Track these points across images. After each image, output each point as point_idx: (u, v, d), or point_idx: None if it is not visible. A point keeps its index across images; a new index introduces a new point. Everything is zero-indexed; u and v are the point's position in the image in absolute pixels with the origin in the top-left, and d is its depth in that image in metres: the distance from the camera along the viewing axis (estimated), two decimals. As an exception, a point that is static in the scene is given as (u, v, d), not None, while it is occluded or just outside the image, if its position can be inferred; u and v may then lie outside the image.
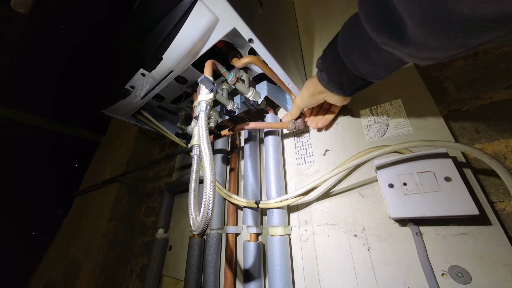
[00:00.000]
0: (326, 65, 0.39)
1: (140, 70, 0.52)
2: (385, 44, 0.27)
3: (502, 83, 0.44)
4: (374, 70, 0.32)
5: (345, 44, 0.34)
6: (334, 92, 0.41)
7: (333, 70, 0.38)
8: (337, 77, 0.38)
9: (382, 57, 0.30)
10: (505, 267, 0.31)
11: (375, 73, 0.33)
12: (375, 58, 0.30)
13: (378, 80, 0.35)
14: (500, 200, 0.38)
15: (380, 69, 0.32)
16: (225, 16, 0.37)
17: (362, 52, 0.31)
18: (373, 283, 0.39)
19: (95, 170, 1.69)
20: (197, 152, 0.44)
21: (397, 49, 0.26)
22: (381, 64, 0.31)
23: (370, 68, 0.32)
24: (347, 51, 0.33)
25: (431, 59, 0.25)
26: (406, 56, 0.27)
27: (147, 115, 0.69)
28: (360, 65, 0.33)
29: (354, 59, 0.33)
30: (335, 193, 0.49)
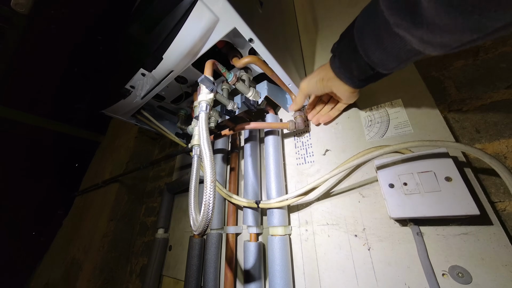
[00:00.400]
0: (340, 49, 0.39)
1: (140, 70, 0.52)
2: (397, 25, 0.27)
3: (502, 83, 0.44)
4: (384, 58, 0.32)
5: (360, 27, 0.34)
6: (343, 80, 0.40)
7: (345, 55, 0.38)
8: (348, 63, 0.38)
9: (393, 44, 0.30)
10: (505, 267, 0.31)
11: (384, 62, 0.32)
12: (387, 43, 0.30)
13: (385, 71, 0.34)
14: (500, 200, 0.38)
15: (390, 58, 0.32)
16: (225, 16, 0.37)
17: (375, 36, 0.31)
18: (374, 283, 0.38)
19: (95, 170, 1.69)
20: (197, 152, 0.44)
21: (409, 32, 0.26)
22: (392, 52, 0.31)
23: (381, 55, 0.32)
24: (361, 35, 0.34)
25: (441, 45, 0.24)
26: (417, 42, 0.26)
27: (147, 115, 0.69)
28: (371, 51, 0.33)
29: (367, 43, 0.33)
30: (336, 193, 0.49)
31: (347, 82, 0.40)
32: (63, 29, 1.62)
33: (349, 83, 0.41)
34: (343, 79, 0.41)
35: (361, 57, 0.34)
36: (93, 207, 1.33)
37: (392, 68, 0.33)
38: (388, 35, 0.29)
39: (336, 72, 0.41)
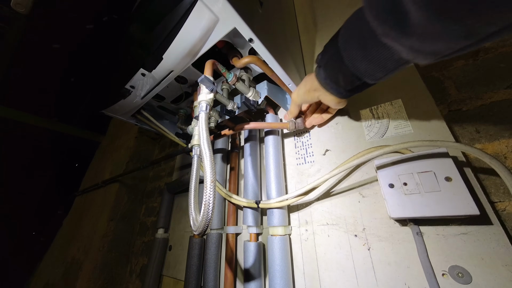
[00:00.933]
0: (325, 60, 0.38)
1: (140, 70, 0.52)
2: (386, 34, 0.26)
3: (502, 83, 0.44)
4: (371, 68, 0.31)
5: (345, 38, 0.33)
6: (330, 91, 0.40)
7: (331, 65, 0.37)
8: (334, 74, 0.37)
9: (380, 54, 0.29)
10: (505, 267, 0.31)
11: (371, 72, 0.32)
12: (374, 54, 0.30)
13: (373, 81, 0.34)
14: (500, 200, 0.38)
15: (376, 68, 0.31)
16: (225, 16, 0.37)
17: (361, 46, 0.31)
18: (374, 283, 0.38)
19: (95, 170, 1.69)
20: (197, 152, 0.44)
21: (398, 41, 0.25)
22: (379, 62, 0.30)
23: (367, 65, 0.31)
24: (347, 45, 0.33)
25: (432, 54, 0.24)
26: (406, 51, 0.25)
27: (147, 115, 0.69)
28: (357, 61, 0.32)
29: (353, 54, 0.32)
30: (336, 193, 0.49)
31: (334, 92, 0.40)
32: (63, 29, 1.63)
33: (335, 94, 0.40)
34: (329, 90, 0.40)
35: (347, 67, 0.34)
36: (93, 207, 1.33)
37: (379, 78, 0.33)
38: (374, 45, 0.29)
39: (322, 83, 0.40)
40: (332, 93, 0.40)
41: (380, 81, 0.33)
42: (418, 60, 0.26)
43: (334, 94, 0.40)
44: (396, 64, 0.29)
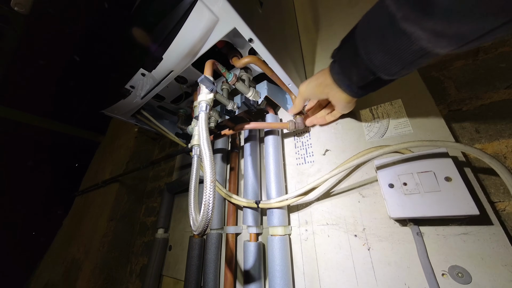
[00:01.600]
0: (340, 54, 0.37)
1: (140, 70, 0.52)
2: (406, 18, 0.24)
3: (502, 83, 0.44)
4: (387, 60, 0.30)
5: (363, 28, 0.32)
6: (342, 87, 0.39)
7: (346, 59, 0.36)
8: (348, 68, 0.36)
9: (399, 43, 0.28)
10: (505, 267, 0.31)
11: (387, 65, 0.30)
12: (391, 43, 0.28)
13: (387, 77, 0.32)
14: (500, 200, 0.38)
15: (393, 60, 0.29)
16: (225, 16, 0.37)
17: (378, 36, 0.30)
18: (373, 283, 0.38)
19: (95, 170, 1.69)
20: (197, 152, 0.44)
21: (419, 24, 0.24)
22: (396, 53, 0.29)
23: (383, 57, 0.30)
24: (364, 36, 0.32)
25: (457, 38, 0.22)
26: (427, 36, 0.24)
27: (147, 115, 0.69)
28: (373, 53, 0.31)
29: (369, 45, 0.31)
30: (335, 193, 0.49)
31: (345, 89, 0.39)
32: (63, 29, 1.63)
33: (347, 91, 0.39)
34: (341, 86, 0.39)
35: (362, 60, 0.32)
36: (93, 207, 1.33)
37: (394, 72, 0.31)
38: (393, 33, 0.27)
39: (335, 78, 0.39)
40: (344, 90, 0.39)
41: (395, 77, 0.32)
42: (440, 47, 0.24)
43: (345, 92, 0.39)
44: (413, 56, 0.28)
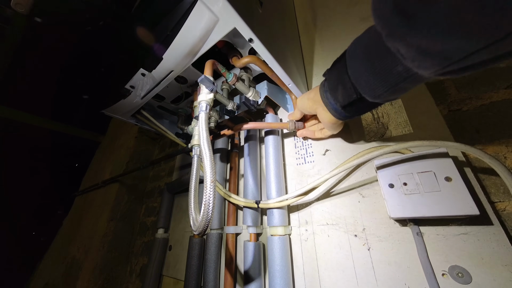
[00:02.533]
0: (330, 72, 0.38)
1: (140, 70, 0.52)
2: (391, 34, 0.24)
3: (502, 83, 0.44)
4: (372, 81, 0.30)
5: (353, 48, 0.33)
6: (327, 106, 0.39)
7: (334, 77, 0.37)
8: (335, 86, 0.36)
9: (383, 63, 0.28)
10: (505, 267, 0.31)
11: (372, 85, 0.30)
12: (377, 63, 0.29)
13: (371, 99, 0.32)
14: (500, 200, 0.38)
15: (377, 81, 0.30)
16: (225, 16, 0.37)
17: (365, 56, 0.30)
18: (373, 283, 0.38)
19: (95, 170, 1.69)
20: (197, 152, 0.44)
21: (403, 40, 0.23)
22: (380, 74, 0.29)
23: (368, 77, 0.30)
24: (353, 56, 0.33)
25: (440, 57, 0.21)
26: (412, 54, 0.23)
27: (147, 115, 0.69)
28: (359, 73, 0.31)
29: (357, 64, 0.32)
30: (335, 193, 0.49)
31: (331, 109, 0.39)
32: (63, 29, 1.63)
33: (332, 111, 0.39)
34: (327, 105, 0.39)
35: (349, 78, 0.33)
36: (93, 207, 1.33)
37: (378, 95, 0.31)
38: (378, 53, 0.28)
39: (322, 96, 0.40)
40: (329, 110, 0.39)
41: (379, 101, 0.32)
42: (423, 68, 0.24)
43: (330, 111, 0.39)
44: (397, 78, 0.28)
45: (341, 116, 0.39)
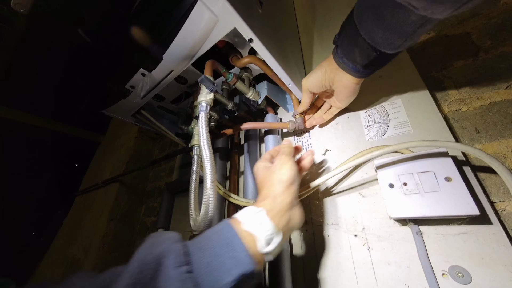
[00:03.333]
0: (341, 38, 0.38)
1: (140, 70, 0.52)
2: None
3: (502, 83, 0.44)
4: (388, 36, 0.30)
5: (359, 10, 0.33)
6: (347, 70, 0.38)
7: (347, 42, 0.36)
8: (350, 50, 0.36)
9: (396, 18, 0.28)
10: (505, 267, 0.31)
11: (389, 40, 0.30)
12: (389, 19, 0.28)
13: (392, 51, 0.32)
14: (500, 200, 0.38)
15: (394, 35, 0.29)
16: (225, 16, 0.37)
17: (375, 15, 0.30)
18: (373, 283, 0.38)
19: (95, 170, 1.69)
20: (197, 152, 0.44)
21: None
22: (396, 27, 0.29)
23: (384, 34, 0.30)
24: (362, 17, 0.32)
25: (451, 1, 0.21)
26: (423, 4, 0.23)
27: (147, 115, 0.69)
28: (373, 32, 0.31)
29: (368, 24, 0.31)
30: (335, 193, 0.49)
31: (351, 71, 0.38)
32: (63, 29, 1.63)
33: (353, 73, 0.38)
34: (347, 69, 0.38)
35: (363, 40, 0.33)
36: (93, 207, 1.33)
37: (398, 45, 0.31)
38: (389, 9, 0.27)
39: (339, 62, 0.39)
40: (350, 72, 0.39)
41: (400, 49, 0.32)
42: (437, 14, 0.24)
43: (351, 73, 0.39)
44: (414, 26, 0.27)
45: (363, 75, 0.39)
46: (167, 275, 0.21)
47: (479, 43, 0.50)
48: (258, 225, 0.27)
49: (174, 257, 0.22)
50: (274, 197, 0.30)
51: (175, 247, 0.24)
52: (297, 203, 0.33)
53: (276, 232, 0.27)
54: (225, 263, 0.23)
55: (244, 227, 0.26)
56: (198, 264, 0.23)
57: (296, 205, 0.33)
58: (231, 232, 0.25)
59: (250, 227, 0.26)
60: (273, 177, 0.33)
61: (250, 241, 0.25)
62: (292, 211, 0.31)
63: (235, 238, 0.25)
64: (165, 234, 0.26)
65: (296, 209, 0.33)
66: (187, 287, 0.20)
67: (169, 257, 0.22)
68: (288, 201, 0.31)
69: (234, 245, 0.24)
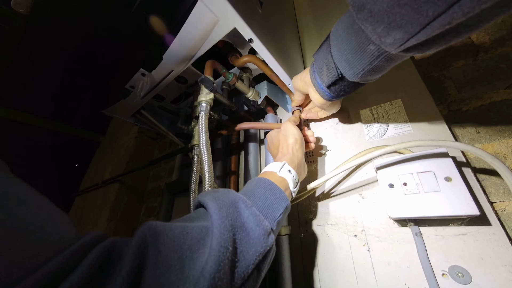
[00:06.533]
0: (318, 52, 0.38)
1: (140, 70, 0.52)
2: (357, 15, 0.25)
3: (502, 83, 0.44)
4: (351, 60, 0.31)
5: (336, 28, 0.34)
6: (316, 86, 0.39)
7: (321, 57, 0.37)
8: (321, 65, 0.37)
9: (358, 41, 0.29)
10: (505, 267, 0.31)
11: (351, 64, 0.31)
12: (354, 42, 0.29)
13: (350, 78, 0.33)
14: (500, 200, 0.38)
15: (355, 60, 0.30)
16: (225, 16, 0.37)
17: (345, 34, 0.31)
18: (373, 283, 0.38)
19: (95, 170, 1.69)
20: (197, 152, 0.44)
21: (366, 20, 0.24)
22: (357, 52, 0.30)
23: (347, 55, 0.31)
24: (335, 35, 0.33)
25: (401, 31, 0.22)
26: (378, 31, 0.24)
27: (147, 115, 0.69)
28: (341, 51, 0.32)
29: (338, 43, 0.32)
30: (335, 193, 0.49)
31: (318, 88, 0.39)
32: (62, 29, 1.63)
33: (319, 90, 0.39)
34: (316, 86, 0.40)
35: (331, 58, 0.34)
36: (93, 207, 1.33)
37: (356, 73, 0.32)
38: (355, 30, 0.29)
39: (311, 76, 0.40)
40: (317, 89, 0.40)
41: (357, 79, 0.32)
42: (388, 44, 0.24)
43: (318, 92, 0.40)
44: (370, 57, 0.29)
45: (327, 96, 0.39)
46: (244, 213, 0.27)
47: (479, 43, 0.50)
48: (287, 173, 0.36)
49: (243, 202, 0.28)
50: (292, 153, 0.39)
51: (238, 196, 0.29)
52: (304, 161, 0.42)
53: (297, 176, 0.37)
54: (273, 203, 0.31)
55: (279, 174, 0.35)
56: (258, 206, 0.30)
57: (304, 162, 0.42)
58: (267, 181, 0.33)
59: (284, 174, 0.35)
60: (288, 139, 0.41)
61: (283, 184, 0.34)
62: (303, 165, 0.41)
63: (273, 184, 0.33)
64: (218, 190, 0.32)
65: (304, 165, 0.42)
66: (260, 219, 0.27)
67: (239, 202, 0.28)
68: (301, 156, 0.40)
69: (274, 189, 0.32)
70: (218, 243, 0.21)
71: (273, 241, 0.27)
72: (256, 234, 0.25)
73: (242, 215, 0.27)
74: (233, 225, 0.24)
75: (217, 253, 0.21)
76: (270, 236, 0.27)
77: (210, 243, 0.22)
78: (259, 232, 0.26)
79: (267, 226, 0.27)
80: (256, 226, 0.26)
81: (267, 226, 0.27)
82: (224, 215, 0.24)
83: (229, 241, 0.22)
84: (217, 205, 0.26)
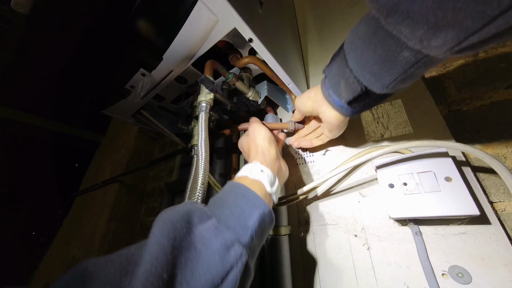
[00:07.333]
0: (329, 67, 0.35)
1: (140, 70, 0.52)
2: (390, 14, 0.21)
3: (502, 83, 0.44)
4: (377, 71, 0.27)
5: (351, 39, 0.30)
6: (332, 103, 0.36)
7: (335, 72, 0.34)
8: (337, 81, 0.33)
9: (386, 50, 0.25)
10: (505, 267, 0.31)
11: (378, 76, 0.27)
12: (379, 50, 0.26)
13: (379, 90, 0.29)
14: (500, 200, 0.38)
15: (383, 70, 0.27)
16: (225, 16, 0.37)
17: (365, 44, 0.27)
18: (373, 283, 0.38)
19: (95, 170, 1.69)
20: (197, 152, 0.44)
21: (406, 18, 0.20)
22: (385, 61, 0.26)
23: (372, 67, 0.27)
24: (351, 47, 0.30)
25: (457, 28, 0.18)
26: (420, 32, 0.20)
27: (147, 115, 0.69)
28: (362, 64, 0.28)
29: (357, 56, 0.29)
30: (335, 193, 0.49)
31: (335, 105, 0.35)
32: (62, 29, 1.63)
33: (337, 107, 0.35)
34: (332, 103, 0.36)
35: (350, 72, 0.30)
36: (93, 207, 1.33)
37: (386, 84, 0.28)
38: (379, 39, 0.25)
39: (325, 93, 0.36)
40: (334, 107, 0.36)
41: (387, 91, 0.29)
42: (434, 47, 0.20)
43: (335, 108, 0.36)
44: (405, 64, 0.25)
45: (348, 113, 0.36)
46: (196, 228, 0.24)
47: (479, 43, 0.50)
48: (260, 173, 0.33)
49: (199, 215, 0.25)
50: (262, 152, 0.37)
51: (194, 209, 0.26)
52: (280, 157, 0.40)
53: (273, 175, 0.34)
54: (244, 210, 0.27)
55: (251, 176, 0.32)
56: (224, 215, 0.26)
57: (281, 158, 0.40)
58: (240, 186, 0.30)
59: (255, 175, 0.32)
60: (256, 140, 0.39)
61: (258, 187, 0.31)
62: (279, 161, 0.39)
63: (246, 189, 0.29)
64: (179, 204, 0.29)
65: (282, 160, 0.40)
66: (219, 231, 0.24)
67: (193, 215, 0.25)
68: (274, 153, 0.38)
69: (247, 194, 0.29)
70: (147, 271, 0.18)
71: (239, 256, 0.23)
72: (210, 250, 0.22)
73: (193, 231, 0.23)
74: (175, 246, 0.21)
75: (144, 283, 0.17)
76: (234, 249, 0.23)
77: (134, 272, 0.18)
78: (216, 246, 0.22)
79: (229, 238, 0.23)
80: (215, 239, 0.23)
81: (228, 238, 0.23)
82: (165, 235, 0.21)
83: (165, 266, 0.19)
84: (162, 224, 0.22)
